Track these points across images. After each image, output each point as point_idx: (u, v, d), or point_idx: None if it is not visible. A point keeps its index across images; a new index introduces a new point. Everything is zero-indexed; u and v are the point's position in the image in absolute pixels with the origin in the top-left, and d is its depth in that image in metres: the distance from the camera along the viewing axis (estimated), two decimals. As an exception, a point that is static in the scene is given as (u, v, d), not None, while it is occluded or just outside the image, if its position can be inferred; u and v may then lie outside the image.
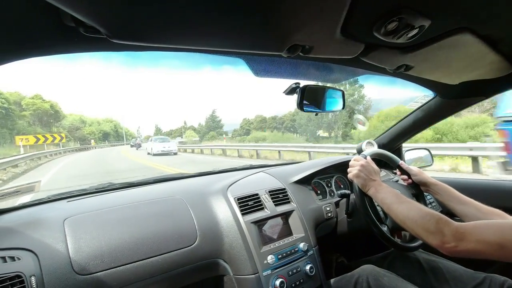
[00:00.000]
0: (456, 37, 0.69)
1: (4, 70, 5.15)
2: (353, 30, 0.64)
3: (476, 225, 0.73)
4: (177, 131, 69.61)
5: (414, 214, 0.82)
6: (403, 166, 1.15)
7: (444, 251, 0.74)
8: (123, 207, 0.98)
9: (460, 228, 0.73)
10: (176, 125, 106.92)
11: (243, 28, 0.57)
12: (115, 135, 63.95)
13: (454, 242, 0.71)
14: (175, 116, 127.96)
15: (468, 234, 0.70)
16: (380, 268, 1.04)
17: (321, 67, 0.99)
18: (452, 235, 0.72)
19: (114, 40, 0.53)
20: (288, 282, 1.00)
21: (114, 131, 63.82)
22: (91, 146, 37.04)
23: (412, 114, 1.48)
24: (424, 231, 0.78)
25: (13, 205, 0.99)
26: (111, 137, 58.42)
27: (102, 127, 58.37)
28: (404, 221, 0.84)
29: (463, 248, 0.70)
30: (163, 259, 0.89)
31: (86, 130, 50.08)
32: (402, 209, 0.86)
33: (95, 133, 52.12)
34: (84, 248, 0.81)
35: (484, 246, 0.68)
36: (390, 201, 0.91)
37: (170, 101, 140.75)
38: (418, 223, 0.80)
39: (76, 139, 44.21)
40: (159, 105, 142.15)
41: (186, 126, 70.40)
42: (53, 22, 0.50)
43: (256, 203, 1.12)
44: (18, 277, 0.70)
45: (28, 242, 0.77)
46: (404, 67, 0.87)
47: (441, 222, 0.75)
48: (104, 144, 46.27)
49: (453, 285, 0.98)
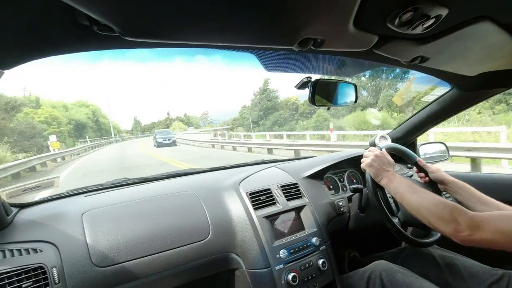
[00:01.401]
0: (475, 26, 0.66)
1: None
2: (366, 22, 0.63)
3: (493, 215, 0.71)
4: (161, 123, 66.37)
5: (428, 203, 0.80)
6: (420, 163, 1.10)
7: (458, 240, 0.72)
8: (138, 201, 1.00)
9: (476, 217, 0.71)
10: (158, 117, 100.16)
11: (254, 22, 0.57)
12: (95, 127, 39.87)
13: (469, 231, 0.70)
14: (157, 109, 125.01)
15: (485, 224, 0.69)
16: (394, 264, 1.03)
17: (333, 61, 0.98)
18: (467, 223, 0.70)
19: (127, 37, 0.53)
20: (301, 277, 1.01)
21: (92, 121, 39.25)
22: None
23: (427, 107, 1.44)
24: (438, 220, 0.76)
25: (34, 199, 1.03)
26: (88, 131, 34.63)
27: (72, 115, 32.79)
28: (417, 210, 0.82)
29: (478, 238, 0.69)
30: (177, 252, 0.91)
31: (38, 116, 22.88)
32: (416, 198, 0.84)
33: (58, 121, 24.94)
34: (101, 241, 0.84)
35: (501, 237, 0.66)
36: (403, 190, 0.89)
37: (147, 94, 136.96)
38: (432, 212, 0.78)
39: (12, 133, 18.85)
40: (137, 97, 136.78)
41: (170, 117, 67.43)
42: (68, 21, 0.51)
43: (268, 198, 1.12)
44: (41, 268, 0.73)
45: (49, 235, 0.81)
46: (420, 59, 0.85)
47: (456, 211, 0.74)
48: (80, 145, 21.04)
49: (470, 282, 0.96)
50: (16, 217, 0.86)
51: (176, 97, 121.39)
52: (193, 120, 66.20)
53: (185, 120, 65.08)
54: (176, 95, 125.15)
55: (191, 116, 69.92)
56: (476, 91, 1.20)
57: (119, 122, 76.50)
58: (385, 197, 1.08)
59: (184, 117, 67.41)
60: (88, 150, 19.62)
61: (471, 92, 1.22)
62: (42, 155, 11.53)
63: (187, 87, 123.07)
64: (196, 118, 67.85)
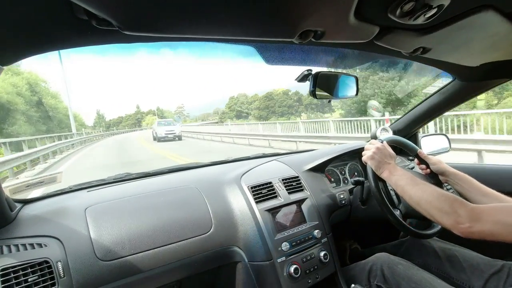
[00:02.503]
0: (478, 15, 0.65)
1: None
2: (367, 12, 0.62)
3: (494, 207, 0.71)
4: (130, 118, 62.75)
5: (429, 195, 0.80)
6: (421, 155, 1.11)
7: (459, 232, 0.72)
8: (141, 196, 1.01)
9: (477, 209, 0.71)
10: (127, 111, 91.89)
11: (254, 15, 0.56)
12: (36, 116, 19.96)
13: (469, 223, 0.70)
14: (124, 103, 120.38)
15: (485, 215, 0.69)
16: (395, 256, 1.04)
17: (333, 53, 0.97)
18: (468, 215, 0.70)
19: (126, 32, 0.53)
20: (303, 269, 1.02)
21: (29, 101, 19.46)
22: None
23: (429, 99, 1.43)
24: (438, 212, 0.77)
25: (37, 195, 1.04)
26: (17, 121, 16.63)
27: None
28: (418, 202, 0.83)
29: (478, 229, 0.69)
30: (180, 246, 0.92)
31: None
32: (416, 190, 0.84)
33: None
34: (105, 235, 0.85)
35: (501, 228, 0.66)
36: (404, 182, 0.89)
37: (112, 87, 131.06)
38: (432, 204, 0.78)
39: None
40: (99, 91, 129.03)
41: (142, 111, 63.85)
42: (66, 16, 0.51)
43: (270, 191, 1.13)
44: (46, 263, 0.74)
45: (53, 230, 0.82)
46: (421, 50, 0.84)
47: (457, 203, 0.74)
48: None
49: (470, 273, 0.97)
50: (20, 212, 0.87)
51: (147, 91, 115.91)
52: (167, 114, 62.64)
53: (159, 114, 61.30)
54: (147, 89, 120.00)
55: (164, 110, 66.17)
56: (478, 82, 1.19)
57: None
58: (386, 190, 1.08)
59: (157, 111, 63.84)
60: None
61: (473, 83, 1.21)
62: None
63: (159, 81, 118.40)
64: (170, 112, 63.88)
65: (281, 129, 11.75)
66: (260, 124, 14.66)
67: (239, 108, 38.86)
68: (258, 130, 12.76)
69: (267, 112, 36.71)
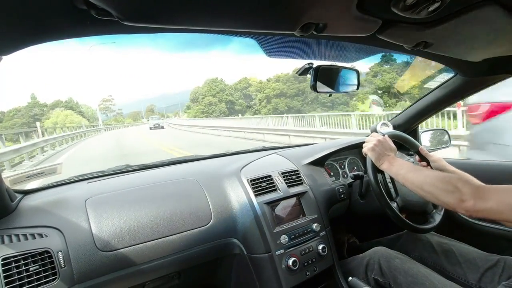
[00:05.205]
0: (482, 10, 0.64)
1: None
2: (369, 5, 0.61)
3: (500, 187, 0.69)
4: (18, 113, 43.05)
5: (432, 178, 0.80)
6: (422, 151, 1.11)
7: (463, 210, 0.71)
8: (140, 188, 1.01)
9: (482, 187, 0.70)
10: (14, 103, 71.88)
11: (255, 7, 0.55)
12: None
13: (473, 200, 0.68)
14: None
15: (491, 194, 0.68)
16: (392, 250, 1.05)
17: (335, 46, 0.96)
18: (472, 193, 0.69)
19: (125, 22, 0.52)
20: (301, 261, 1.03)
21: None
22: None
23: (430, 94, 1.42)
24: (442, 191, 0.76)
25: (38, 186, 1.04)
26: None
27: None
28: (421, 186, 0.81)
29: (482, 207, 0.68)
30: (180, 238, 0.92)
31: None
32: (419, 175, 0.84)
33: None
34: (105, 226, 0.85)
35: (505, 208, 0.65)
36: (405, 170, 0.88)
37: None
38: (435, 185, 0.78)
39: None
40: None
41: (39, 103, 43.97)
42: (65, 5, 0.50)
43: (269, 184, 1.13)
44: (47, 253, 0.75)
45: (53, 221, 0.82)
46: (423, 44, 0.83)
47: (461, 182, 0.73)
48: None
49: (466, 268, 0.98)
50: (20, 203, 0.88)
51: (55, 74, 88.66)
52: (85, 109, 46.07)
53: (75, 108, 44.17)
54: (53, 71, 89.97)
55: (81, 104, 47.65)
56: (480, 77, 1.18)
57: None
58: (384, 182, 1.09)
59: (71, 103, 45.02)
60: None
61: (474, 78, 1.20)
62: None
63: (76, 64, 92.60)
64: (88, 107, 45.40)
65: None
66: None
67: (230, 98, 27.18)
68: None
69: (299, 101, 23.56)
